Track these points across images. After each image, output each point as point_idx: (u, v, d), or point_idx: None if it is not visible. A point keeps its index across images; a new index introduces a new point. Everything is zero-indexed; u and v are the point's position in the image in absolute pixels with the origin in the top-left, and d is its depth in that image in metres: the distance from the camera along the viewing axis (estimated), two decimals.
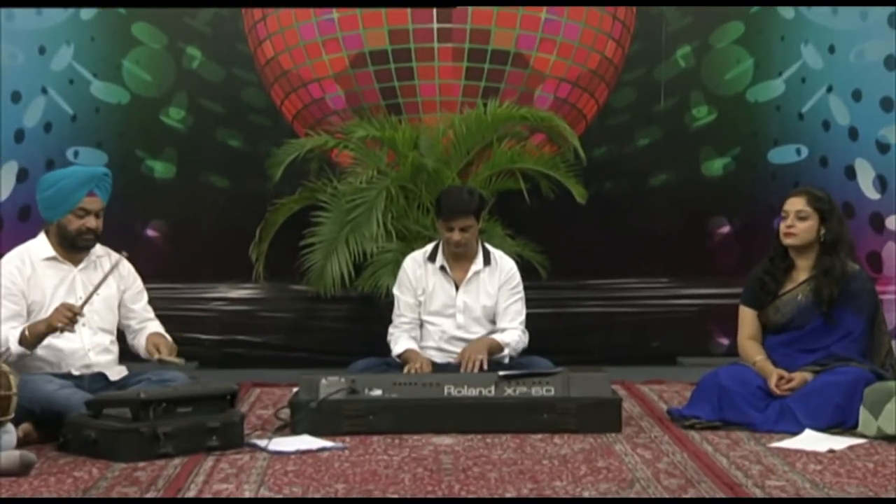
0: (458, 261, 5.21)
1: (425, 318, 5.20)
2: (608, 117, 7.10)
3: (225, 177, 7.07)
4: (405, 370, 4.93)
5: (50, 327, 4.45)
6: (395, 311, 5.23)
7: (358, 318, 6.70)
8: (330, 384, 4.65)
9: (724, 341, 6.85)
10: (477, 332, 5.16)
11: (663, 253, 7.07)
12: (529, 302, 5.30)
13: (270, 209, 6.64)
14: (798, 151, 7.03)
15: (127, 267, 4.83)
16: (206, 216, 7.03)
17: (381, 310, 5.83)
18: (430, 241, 5.65)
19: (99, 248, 4.76)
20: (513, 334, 5.13)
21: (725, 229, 7.17)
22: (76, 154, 6.86)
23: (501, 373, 4.76)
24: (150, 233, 7.05)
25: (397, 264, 5.82)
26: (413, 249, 5.52)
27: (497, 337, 5.11)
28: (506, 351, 5.09)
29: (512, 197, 6.55)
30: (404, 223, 6.40)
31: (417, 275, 5.21)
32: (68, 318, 4.42)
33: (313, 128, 6.83)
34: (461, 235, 5.10)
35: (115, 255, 4.81)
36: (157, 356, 4.61)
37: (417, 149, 6.49)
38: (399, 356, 5.10)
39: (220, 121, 7.02)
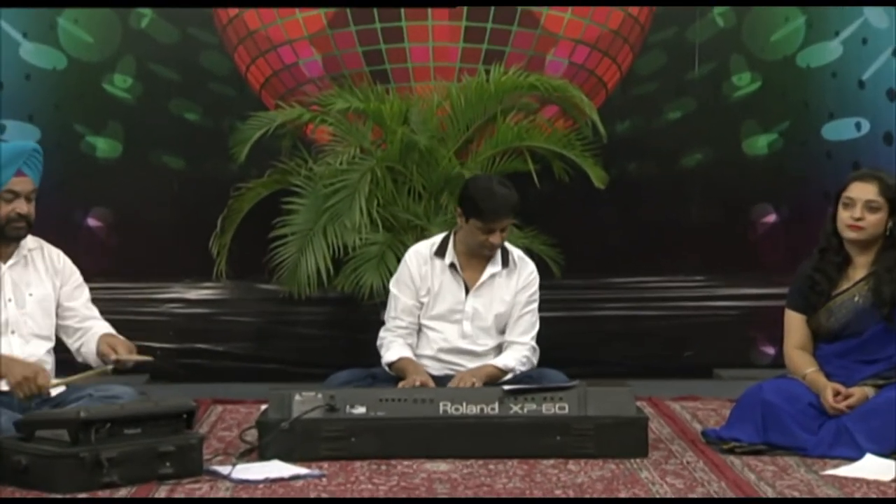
0: (473, 259, 5.17)
1: (425, 321, 5.16)
2: (633, 86, 7.11)
3: (180, 156, 7.07)
4: (401, 385, 4.90)
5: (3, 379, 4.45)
6: (390, 311, 5.20)
7: (337, 322, 6.72)
8: (305, 401, 4.65)
9: (770, 351, 6.87)
10: (485, 343, 5.15)
11: (698, 246, 7.09)
12: (540, 304, 5.30)
13: (234, 195, 6.65)
14: (858, 126, 7.04)
15: (62, 259, 4.83)
16: (157, 203, 7.03)
17: (363, 313, 5.85)
18: (421, 231, 5.66)
19: (31, 241, 4.75)
20: (519, 354, 5.11)
21: (771, 218, 7.19)
22: (2, 129, 6.85)
23: (507, 387, 4.77)
24: (92, 222, 7.05)
25: (383, 259, 5.84)
26: (402, 241, 5.53)
27: (500, 363, 5.08)
28: (509, 376, 5.07)
29: (519, 180, 6.51)
30: (392, 211, 6.41)
31: (422, 272, 5.16)
32: (33, 392, 4.44)
33: (285, 99, 6.83)
34: (502, 237, 5.09)
35: (48, 248, 4.81)
36: (113, 356, 4.60)
37: (408, 124, 6.50)
38: (390, 365, 5.08)
39: (175, 90, 7.01)
